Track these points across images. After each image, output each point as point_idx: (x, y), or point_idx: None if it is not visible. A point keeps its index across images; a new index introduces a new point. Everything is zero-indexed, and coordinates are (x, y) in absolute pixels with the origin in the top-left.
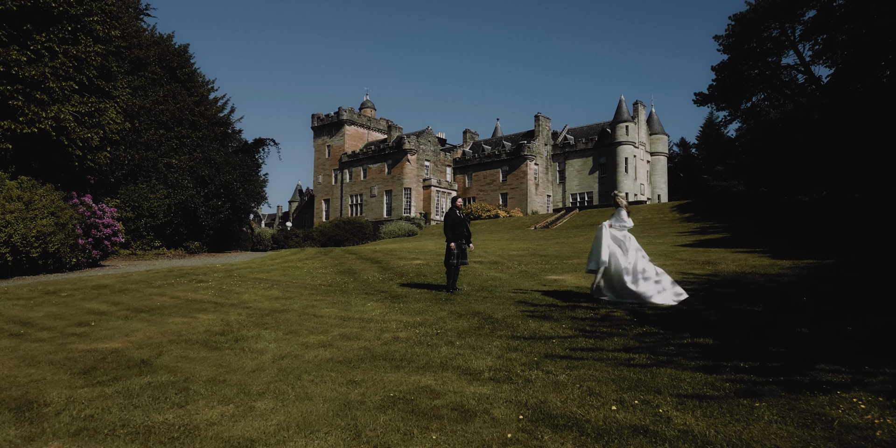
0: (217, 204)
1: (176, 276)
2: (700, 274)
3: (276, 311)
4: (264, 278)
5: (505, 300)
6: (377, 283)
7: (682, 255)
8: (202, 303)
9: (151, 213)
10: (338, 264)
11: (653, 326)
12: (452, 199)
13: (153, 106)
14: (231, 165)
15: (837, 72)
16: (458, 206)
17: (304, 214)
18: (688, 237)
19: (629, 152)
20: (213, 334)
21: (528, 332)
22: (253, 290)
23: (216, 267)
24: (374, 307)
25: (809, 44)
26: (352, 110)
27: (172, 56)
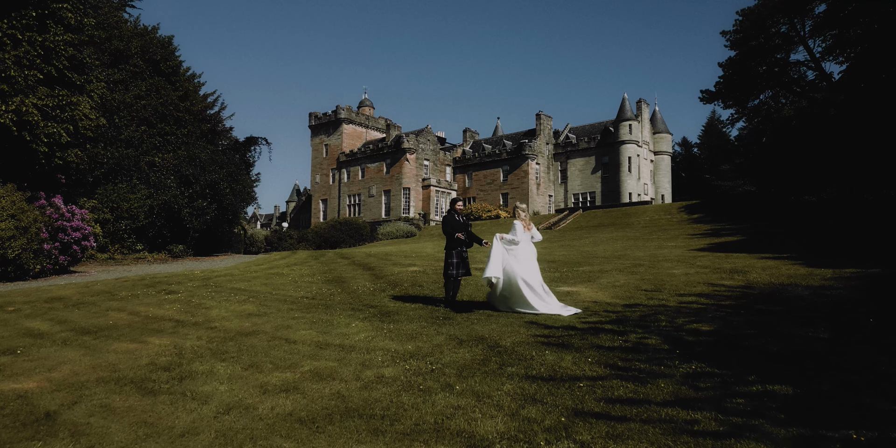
0: (202, 205)
1: (145, 286)
2: (732, 286)
3: (243, 334)
4: (242, 288)
5: (513, 319)
6: (367, 294)
7: (702, 261)
8: (162, 321)
9: (131, 215)
10: (327, 271)
11: (702, 362)
12: (451, 202)
13: (134, 101)
14: (218, 164)
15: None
16: (457, 210)
17: (302, 215)
18: (700, 240)
19: (632, 151)
20: (155, 369)
21: (545, 368)
22: (225, 304)
23: (194, 274)
24: (359, 328)
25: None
26: (350, 109)
27: (155, 48)
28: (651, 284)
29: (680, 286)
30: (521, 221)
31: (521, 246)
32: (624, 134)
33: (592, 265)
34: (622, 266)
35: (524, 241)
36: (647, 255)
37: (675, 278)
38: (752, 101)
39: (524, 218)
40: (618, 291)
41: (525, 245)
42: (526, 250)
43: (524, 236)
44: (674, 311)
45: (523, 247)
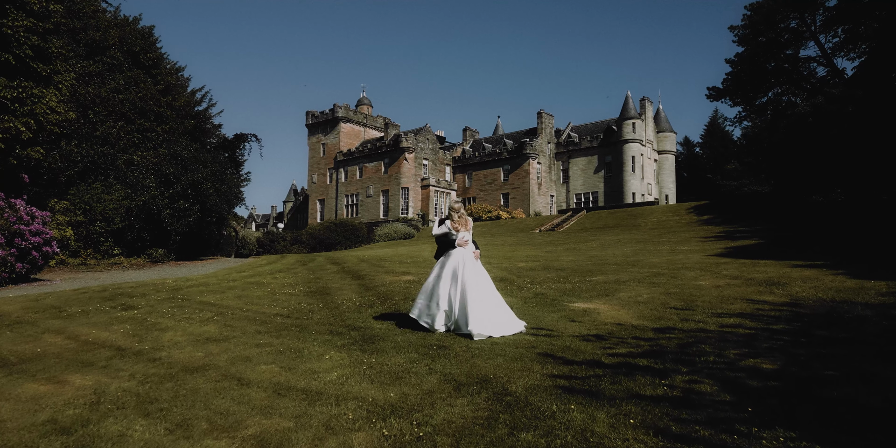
0: (184, 206)
1: (103, 299)
2: (776, 304)
3: (190, 370)
4: (212, 302)
5: (523, 350)
6: (351, 311)
7: (727, 269)
8: (100, 348)
9: (106, 217)
10: (312, 280)
11: (788, 427)
12: (445, 217)
13: (111, 95)
14: (201, 163)
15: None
16: (453, 229)
17: (299, 215)
18: (715, 244)
19: (636, 150)
20: (52, 430)
21: (573, 435)
22: (184, 325)
23: (165, 283)
24: (333, 362)
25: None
26: (347, 107)
27: (135, 39)
28: (680, 300)
29: (714, 303)
30: (458, 221)
31: (465, 252)
32: (627, 133)
33: (606, 274)
34: (640, 275)
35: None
36: (663, 261)
37: (705, 292)
38: (761, 98)
39: (456, 220)
40: (643, 310)
41: (466, 252)
42: (468, 255)
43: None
44: (718, 339)
45: (466, 253)
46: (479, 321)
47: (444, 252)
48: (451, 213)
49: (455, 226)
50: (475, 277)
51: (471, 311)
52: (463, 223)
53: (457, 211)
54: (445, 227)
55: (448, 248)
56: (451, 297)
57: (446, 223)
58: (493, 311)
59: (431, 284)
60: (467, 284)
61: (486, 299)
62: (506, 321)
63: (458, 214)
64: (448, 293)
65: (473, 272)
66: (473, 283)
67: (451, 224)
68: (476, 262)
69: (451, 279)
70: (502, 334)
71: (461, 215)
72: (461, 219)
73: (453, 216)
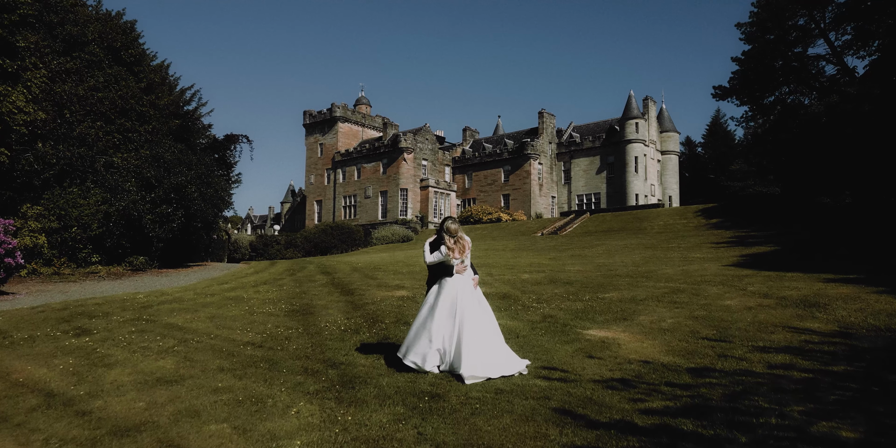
0: (166, 211)
1: (59, 321)
2: (825, 334)
3: (120, 432)
4: (180, 325)
5: (535, 403)
6: (333, 339)
7: (752, 284)
8: (28, 393)
9: (82, 223)
10: (297, 295)
11: None
12: (437, 238)
13: (89, 93)
14: (185, 165)
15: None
16: (449, 255)
17: (296, 216)
18: (728, 251)
19: (639, 151)
20: None
21: None
22: (138, 357)
23: (136, 299)
24: (300, 419)
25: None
26: (345, 107)
27: (115, 34)
28: (710, 327)
29: (751, 332)
30: (454, 244)
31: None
32: (630, 132)
33: (619, 289)
34: (657, 292)
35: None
36: (678, 272)
37: (737, 316)
38: (768, 97)
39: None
40: (670, 340)
41: (462, 279)
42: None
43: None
44: (771, 387)
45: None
46: (474, 364)
47: (437, 279)
48: (444, 234)
49: (451, 250)
50: (475, 311)
51: (465, 351)
52: (460, 246)
53: (452, 232)
54: (440, 253)
55: (443, 275)
56: (445, 334)
57: (441, 249)
58: (492, 351)
59: (423, 318)
60: (465, 319)
61: (484, 337)
62: (504, 362)
63: (455, 236)
64: (442, 330)
65: (473, 304)
66: (473, 317)
67: (446, 249)
68: (476, 290)
69: (447, 313)
70: (501, 375)
71: (458, 238)
72: (458, 242)
73: (447, 240)
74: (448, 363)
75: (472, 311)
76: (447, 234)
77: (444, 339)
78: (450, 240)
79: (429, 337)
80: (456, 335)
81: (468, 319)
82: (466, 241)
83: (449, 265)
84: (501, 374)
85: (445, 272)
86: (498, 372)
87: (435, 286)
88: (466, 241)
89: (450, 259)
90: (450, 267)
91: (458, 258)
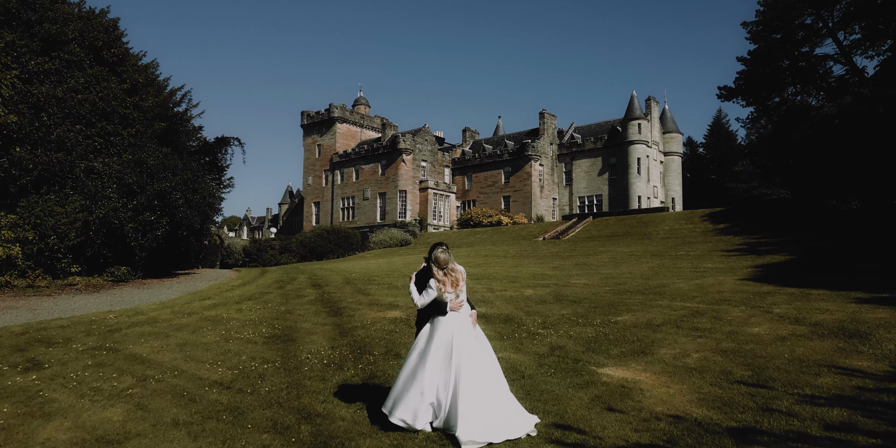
0: (150, 219)
1: (13, 349)
2: (876, 375)
3: None
4: (144, 357)
5: None
6: (314, 377)
7: (777, 304)
8: None
9: (59, 233)
10: (281, 315)
11: None
12: (425, 268)
13: (68, 95)
14: (170, 170)
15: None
16: (441, 291)
17: (294, 218)
18: (741, 260)
19: (642, 152)
20: None
21: None
22: (85, 403)
23: (106, 319)
24: None
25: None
26: (343, 107)
27: (97, 33)
28: (742, 365)
29: (792, 372)
30: (445, 277)
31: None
32: (633, 133)
33: (632, 310)
34: (674, 314)
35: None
36: (692, 287)
37: (771, 350)
38: (775, 98)
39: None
40: (701, 385)
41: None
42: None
43: (425, 297)
44: None
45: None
46: (473, 425)
47: (429, 318)
48: (432, 265)
49: (442, 283)
50: (474, 356)
51: (463, 407)
52: (452, 279)
53: (442, 263)
54: (431, 289)
55: (435, 313)
56: (440, 384)
57: (430, 284)
58: (495, 406)
59: (413, 366)
60: (463, 367)
61: (486, 389)
62: (509, 419)
63: (445, 268)
64: (436, 380)
65: (472, 348)
66: (472, 364)
67: (437, 283)
68: (475, 329)
69: (441, 360)
70: (505, 438)
71: (449, 269)
72: (449, 274)
73: (436, 272)
74: (442, 419)
75: (471, 357)
76: (436, 265)
77: (439, 390)
78: (439, 272)
79: (420, 389)
80: (452, 386)
81: (467, 367)
82: (460, 271)
83: (441, 302)
84: (506, 438)
85: (437, 310)
86: (501, 435)
87: (426, 327)
88: (460, 271)
89: (442, 294)
90: (442, 304)
91: (451, 292)
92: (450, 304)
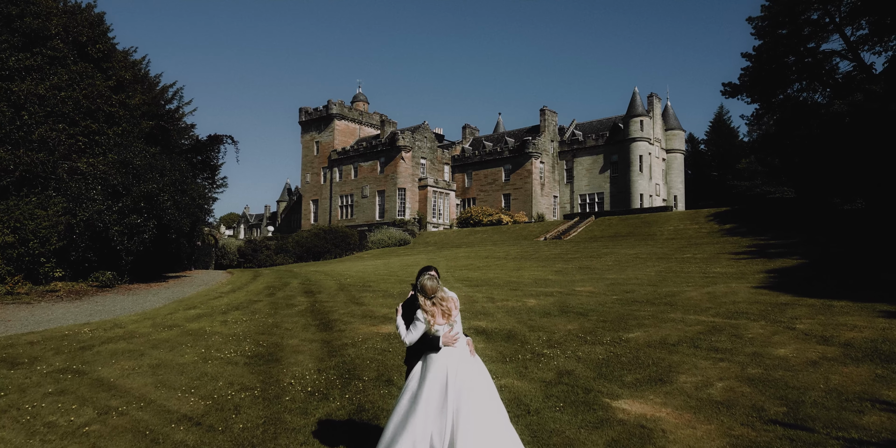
0: (136, 221)
1: None
2: None
3: None
4: (111, 382)
5: None
6: (294, 409)
7: (799, 319)
8: None
9: (40, 237)
10: (267, 329)
11: None
12: (411, 297)
13: (50, 93)
14: (157, 171)
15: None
16: (429, 322)
17: (293, 215)
18: (751, 264)
19: (644, 149)
20: None
21: None
22: (33, 445)
23: (80, 334)
24: None
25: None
26: (342, 104)
27: (81, 28)
28: (774, 398)
29: (832, 409)
30: (434, 307)
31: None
32: (635, 130)
33: (644, 325)
34: (689, 330)
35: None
36: (704, 295)
37: (802, 379)
38: (780, 94)
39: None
40: (730, 424)
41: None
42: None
43: (416, 333)
44: None
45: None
46: None
47: (419, 356)
48: (419, 295)
49: (431, 315)
50: (474, 397)
51: None
52: (443, 309)
53: (429, 292)
54: (419, 322)
55: (426, 349)
56: (434, 432)
57: (417, 316)
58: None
59: (404, 412)
60: (461, 411)
61: (488, 437)
62: None
63: (433, 297)
64: (430, 427)
65: (471, 386)
66: (470, 408)
67: (425, 315)
68: (473, 360)
69: (436, 404)
70: None
71: (440, 298)
72: (439, 303)
73: (423, 303)
74: None
75: (469, 400)
76: (422, 295)
77: (433, 440)
78: (427, 302)
79: (412, 440)
80: (449, 435)
81: (465, 412)
82: (451, 298)
83: (432, 336)
84: None
85: (429, 346)
86: None
87: (418, 365)
88: (451, 298)
89: (431, 327)
90: (434, 339)
91: (442, 324)
92: (442, 339)
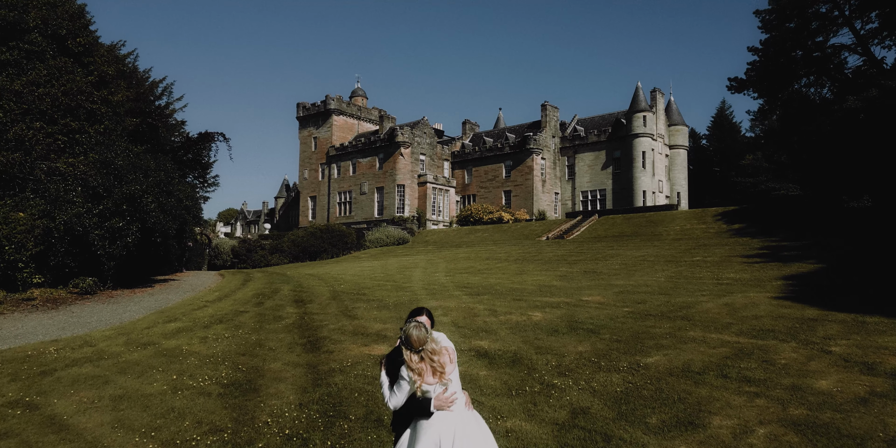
0: (118, 225)
1: None
2: None
3: None
4: (63, 421)
5: None
6: None
7: (832, 340)
8: None
9: (15, 242)
10: (249, 349)
11: None
12: (395, 353)
13: (27, 89)
14: (141, 171)
15: None
16: (417, 382)
17: (290, 212)
18: (765, 269)
19: (647, 145)
20: None
21: None
22: None
23: (43, 355)
24: None
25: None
26: (340, 99)
27: (61, 21)
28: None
29: None
30: (422, 363)
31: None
32: (637, 126)
33: (662, 346)
34: (713, 354)
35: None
36: (722, 308)
37: (856, 422)
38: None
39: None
40: None
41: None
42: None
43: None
44: None
45: None
46: None
47: (408, 420)
48: (404, 348)
49: (418, 374)
50: None
51: None
52: (434, 365)
53: (415, 344)
54: (405, 382)
55: (415, 413)
56: None
57: (403, 374)
58: None
59: None
60: None
61: None
62: None
63: (419, 351)
64: None
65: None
66: None
67: (412, 374)
68: (473, 424)
69: None
70: None
71: (429, 351)
72: (427, 358)
73: (410, 359)
74: None
75: None
76: (408, 348)
77: None
78: (413, 356)
79: None
80: None
81: None
82: (444, 350)
83: (422, 399)
84: None
85: (418, 410)
86: None
87: (406, 433)
88: (444, 350)
89: (416, 387)
90: (424, 401)
91: (434, 383)
92: (434, 402)
